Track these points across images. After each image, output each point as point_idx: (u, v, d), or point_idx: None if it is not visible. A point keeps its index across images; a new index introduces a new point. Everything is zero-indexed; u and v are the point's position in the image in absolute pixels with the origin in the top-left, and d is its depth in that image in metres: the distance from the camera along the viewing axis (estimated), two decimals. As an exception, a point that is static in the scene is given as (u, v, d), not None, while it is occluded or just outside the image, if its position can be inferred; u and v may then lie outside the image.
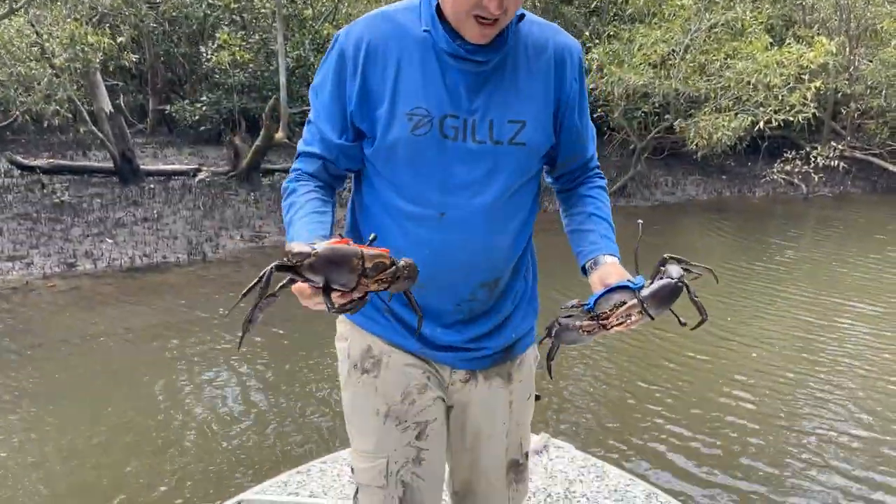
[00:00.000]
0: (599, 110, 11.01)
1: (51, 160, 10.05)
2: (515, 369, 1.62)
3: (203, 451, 3.63)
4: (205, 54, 12.01)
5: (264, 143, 9.65)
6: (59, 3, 9.01)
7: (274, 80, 11.05)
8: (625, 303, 1.36)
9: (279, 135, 10.19)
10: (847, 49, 11.74)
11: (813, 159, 10.98)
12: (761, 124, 9.42)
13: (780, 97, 9.43)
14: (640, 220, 1.54)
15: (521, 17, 1.41)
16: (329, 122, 1.43)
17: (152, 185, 9.51)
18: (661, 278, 1.37)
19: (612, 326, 1.38)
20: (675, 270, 1.37)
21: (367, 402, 1.51)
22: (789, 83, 9.49)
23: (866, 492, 3.40)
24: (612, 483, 2.61)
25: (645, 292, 1.35)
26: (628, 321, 1.37)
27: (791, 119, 9.49)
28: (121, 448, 3.62)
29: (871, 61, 11.87)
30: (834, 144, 11.48)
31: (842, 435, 3.94)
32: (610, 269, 1.51)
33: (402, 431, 1.49)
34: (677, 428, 3.94)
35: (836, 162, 10.96)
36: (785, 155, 11.33)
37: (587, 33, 11.62)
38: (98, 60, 9.23)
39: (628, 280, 1.41)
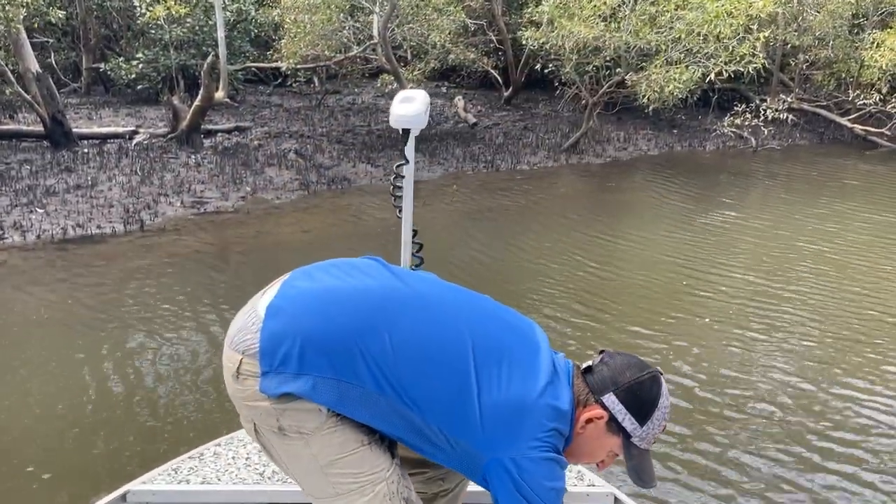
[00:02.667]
0: (551, 65, 10.83)
1: (-25, 124, 9.50)
2: None
3: (102, 434, 3.46)
4: (139, 8, 11.41)
5: (204, 102, 9.25)
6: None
7: (214, 35, 10.57)
8: None
9: (219, 94, 9.79)
10: (796, -1, 11.69)
11: (762, 112, 10.99)
12: (712, 76, 9.34)
13: (730, 48, 9.36)
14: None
15: None
16: None
17: (86, 150, 9.06)
18: None
19: None
20: None
21: (350, 436, 1.44)
22: (739, 34, 9.41)
23: (809, 454, 3.41)
24: None
25: None
26: None
27: (741, 70, 9.44)
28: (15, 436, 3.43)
29: (818, 12, 11.86)
30: (783, 97, 11.52)
31: (786, 397, 3.94)
32: None
33: (383, 452, 1.48)
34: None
35: (785, 115, 11.00)
36: (735, 108, 11.33)
37: (537, -15, 11.35)
38: (21, 17, 8.66)
39: None
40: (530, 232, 6.95)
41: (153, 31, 11.50)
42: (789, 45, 12.20)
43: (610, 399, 1.43)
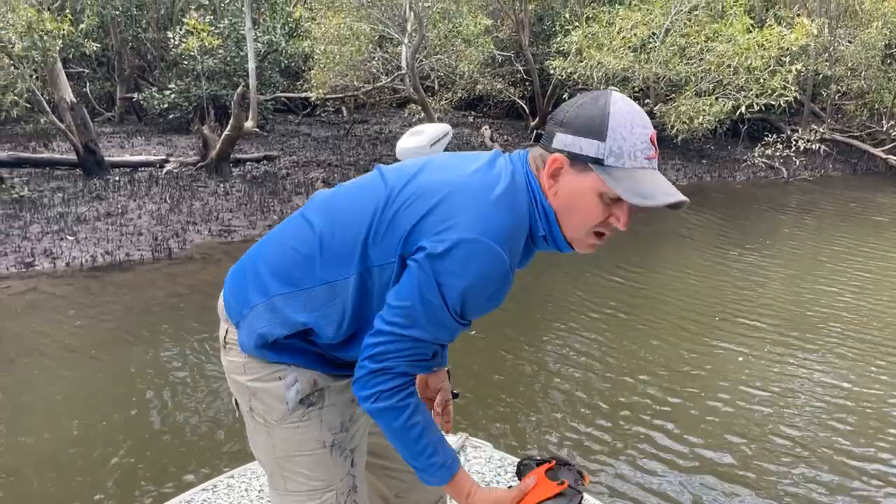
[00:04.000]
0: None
1: (11, 153, 9.68)
2: None
3: (118, 464, 3.41)
4: (173, 40, 11.63)
5: (233, 131, 9.34)
6: (15, -12, 8.61)
7: (245, 66, 10.72)
8: None
9: (249, 123, 9.88)
10: (827, 30, 11.59)
11: (794, 143, 10.85)
12: (742, 108, 9.25)
13: (761, 80, 9.27)
14: None
15: None
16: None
17: (117, 178, 9.18)
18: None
19: None
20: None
21: (312, 435, 1.44)
22: (770, 66, 9.34)
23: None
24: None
25: None
26: None
27: (773, 103, 9.34)
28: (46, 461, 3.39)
29: (851, 42, 11.75)
30: (815, 128, 11.37)
31: (815, 438, 3.79)
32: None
33: (343, 461, 1.47)
34: (602, 422, 3.77)
35: (817, 145, 10.84)
36: (766, 139, 11.20)
37: (566, 15, 11.39)
38: (58, 48, 8.85)
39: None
40: (557, 262, 6.87)
41: (186, 62, 11.70)
42: (821, 76, 12.07)
43: (558, 139, 1.24)
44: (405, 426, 1.30)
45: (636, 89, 10.09)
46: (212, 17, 11.81)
